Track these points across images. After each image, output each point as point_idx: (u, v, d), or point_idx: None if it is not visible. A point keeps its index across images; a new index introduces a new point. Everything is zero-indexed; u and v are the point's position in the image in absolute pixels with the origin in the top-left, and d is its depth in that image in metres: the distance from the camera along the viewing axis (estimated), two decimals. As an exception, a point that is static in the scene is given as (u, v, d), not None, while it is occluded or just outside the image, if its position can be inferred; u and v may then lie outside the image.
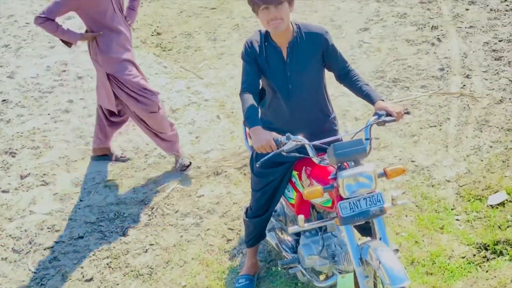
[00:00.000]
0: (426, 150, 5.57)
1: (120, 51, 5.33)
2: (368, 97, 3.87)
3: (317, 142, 3.75)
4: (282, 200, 4.44)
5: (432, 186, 5.17)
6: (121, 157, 6.03)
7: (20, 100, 7.02)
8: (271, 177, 4.11)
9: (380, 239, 3.55)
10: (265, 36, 3.86)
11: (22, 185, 5.75)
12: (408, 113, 3.88)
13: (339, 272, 3.91)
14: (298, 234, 4.24)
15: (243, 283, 4.47)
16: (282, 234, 4.52)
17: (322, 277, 4.15)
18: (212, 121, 6.47)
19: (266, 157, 3.66)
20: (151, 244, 5.02)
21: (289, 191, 4.21)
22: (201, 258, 4.80)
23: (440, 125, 5.82)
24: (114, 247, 5.01)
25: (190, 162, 5.76)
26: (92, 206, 5.47)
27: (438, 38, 7.09)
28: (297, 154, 3.71)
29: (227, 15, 8.66)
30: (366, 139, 3.71)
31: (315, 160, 3.73)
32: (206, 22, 8.57)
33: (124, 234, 5.14)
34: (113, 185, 5.71)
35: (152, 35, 8.48)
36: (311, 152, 3.71)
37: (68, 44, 5.33)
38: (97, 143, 5.94)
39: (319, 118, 4.03)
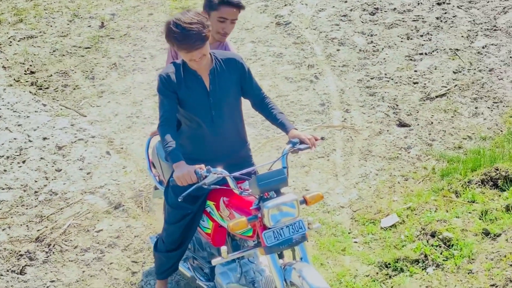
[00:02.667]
0: (317, 179, 5.87)
1: None
2: (282, 126, 4.01)
3: (237, 174, 3.81)
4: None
5: (328, 212, 5.46)
6: None
7: None
8: (188, 210, 4.09)
9: (301, 259, 3.70)
10: (183, 66, 3.87)
11: None
12: (323, 138, 4.10)
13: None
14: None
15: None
16: (194, 263, 4.56)
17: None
18: (102, 157, 6.38)
19: (188, 191, 3.66)
20: (52, 281, 4.89)
21: (204, 221, 4.22)
22: (108, 293, 4.76)
23: (328, 156, 6.16)
24: (12, 286, 4.83)
25: None
26: (-17, 246, 5.24)
27: (315, 75, 7.50)
28: (218, 186, 3.77)
29: (103, 54, 8.59)
30: (283, 167, 3.81)
31: (236, 191, 3.78)
32: (81, 61, 8.44)
33: (21, 273, 4.97)
34: (3, 223, 5.49)
35: (25, 74, 8.21)
36: (232, 184, 3.75)
37: None
38: None
39: (238, 145, 4.11)
